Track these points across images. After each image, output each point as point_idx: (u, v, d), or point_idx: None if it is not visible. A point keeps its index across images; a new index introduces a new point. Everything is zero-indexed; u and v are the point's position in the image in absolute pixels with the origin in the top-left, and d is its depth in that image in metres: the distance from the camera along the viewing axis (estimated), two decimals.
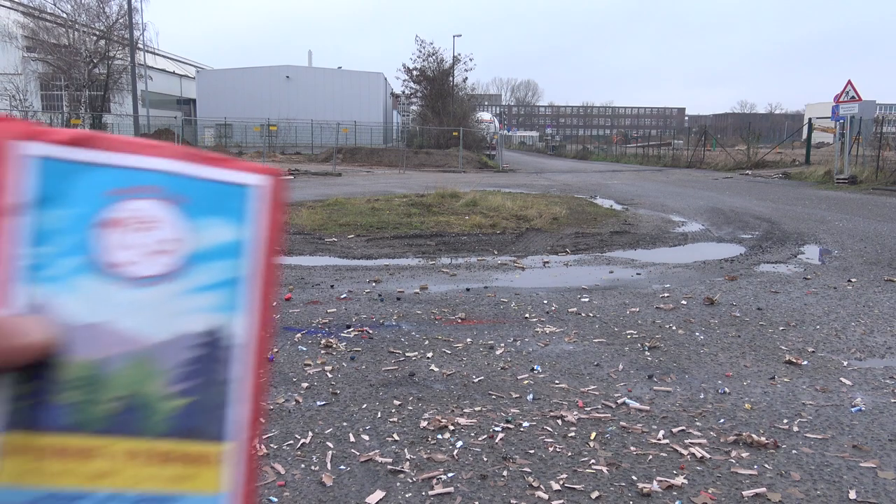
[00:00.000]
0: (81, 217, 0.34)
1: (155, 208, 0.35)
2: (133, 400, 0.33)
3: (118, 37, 31.81)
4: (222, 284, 0.36)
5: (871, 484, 2.88)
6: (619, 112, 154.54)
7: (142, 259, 0.35)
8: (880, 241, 9.59)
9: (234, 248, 0.36)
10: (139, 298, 0.34)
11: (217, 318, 0.35)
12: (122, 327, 0.34)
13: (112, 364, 0.33)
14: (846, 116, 21.61)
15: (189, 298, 0.35)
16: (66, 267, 0.33)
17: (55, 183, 0.33)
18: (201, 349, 0.35)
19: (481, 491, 2.81)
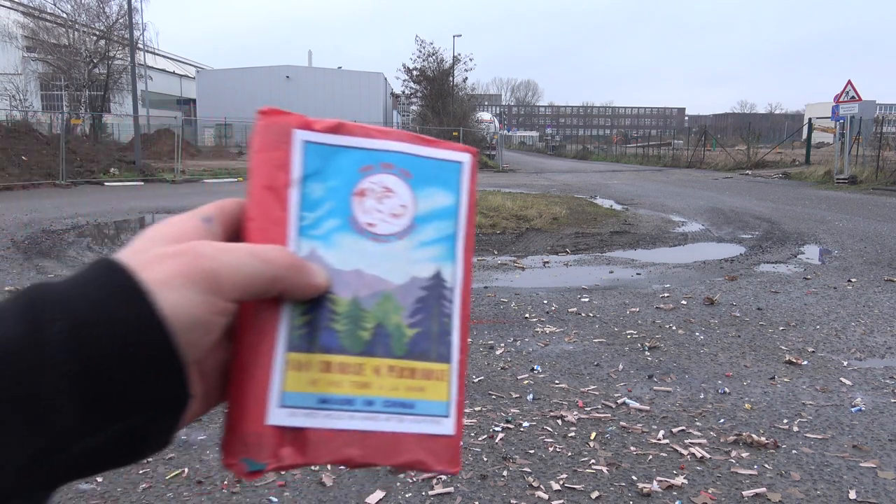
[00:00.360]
0: (339, 188, 0.45)
1: (391, 181, 0.46)
2: (382, 329, 0.44)
3: (118, 37, 31.76)
4: (441, 240, 0.47)
5: (871, 484, 2.88)
6: (619, 112, 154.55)
7: (383, 221, 0.46)
8: (880, 241, 9.59)
9: (449, 211, 0.48)
10: (383, 251, 0.45)
11: (438, 267, 0.47)
12: (373, 273, 0.45)
13: (366, 301, 0.44)
14: (846, 116, 21.61)
15: (418, 251, 0.46)
16: (329, 227, 0.44)
17: (319, 162, 0.45)
18: (427, 291, 0.46)
19: (481, 491, 2.81)
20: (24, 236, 9.58)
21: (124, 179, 20.57)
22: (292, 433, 0.41)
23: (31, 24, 32.07)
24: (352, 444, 0.42)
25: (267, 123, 0.45)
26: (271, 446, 0.41)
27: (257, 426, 0.41)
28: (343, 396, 0.43)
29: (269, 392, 0.41)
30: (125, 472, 2.95)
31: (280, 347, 0.42)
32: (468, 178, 0.49)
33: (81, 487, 2.82)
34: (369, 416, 0.43)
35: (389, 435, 0.44)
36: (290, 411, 0.41)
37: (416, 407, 0.45)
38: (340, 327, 0.43)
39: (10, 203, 13.91)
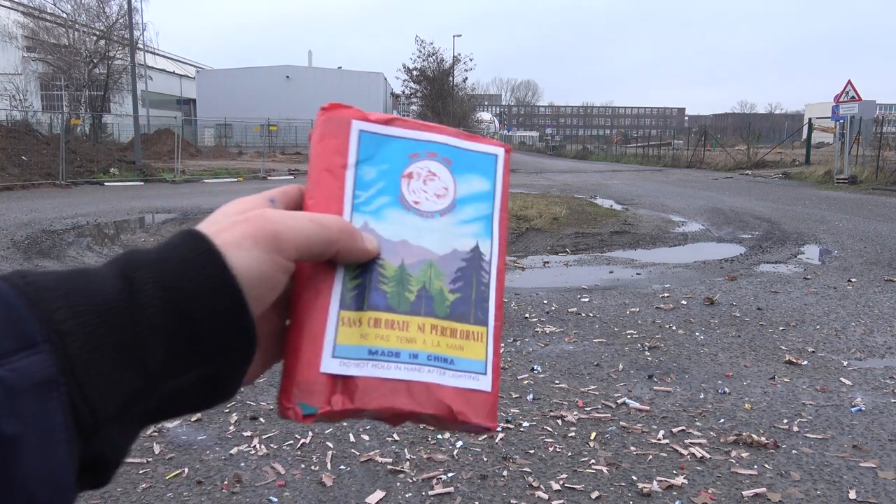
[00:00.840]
0: (389, 171, 0.51)
1: (435, 167, 0.52)
2: (426, 292, 0.49)
3: (118, 37, 31.75)
4: (479, 219, 0.53)
5: (871, 484, 2.88)
6: (619, 112, 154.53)
7: (427, 199, 0.51)
8: (880, 241, 9.59)
9: (486, 194, 0.54)
10: (427, 225, 0.51)
11: (476, 241, 0.52)
12: (418, 244, 0.50)
13: (413, 268, 0.49)
14: (846, 116, 21.60)
15: (459, 227, 0.52)
16: (379, 203, 0.50)
17: (372, 149, 0.51)
18: (467, 262, 0.51)
19: (481, 491, 2.81)
20: (24, 236, 9.58)
21: (124, 179, 20.57)
22: (343, 382, 0.45)
23: (31, 24, 32.06)
24: (398, 391, 0.46)
25: (328, 116, 0.51)
26: (324, 393, 0.45)
27: (312, 374, 0.45)
28: (390, 349, 0.47)
29: (323, 343, 0.45)
30: (125, 473, 2.94)
31: (334, 305, 0.47)
32: (503, 168, 0.55)
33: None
34: (414, 367, 0.47)
35: (433, 385, 0.47)
36: (341, 361, 0.45)
37: (455, 363, 0.49)
38: (389, 289, 0.48)
39: (10, 203, 13.91)
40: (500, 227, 0.54)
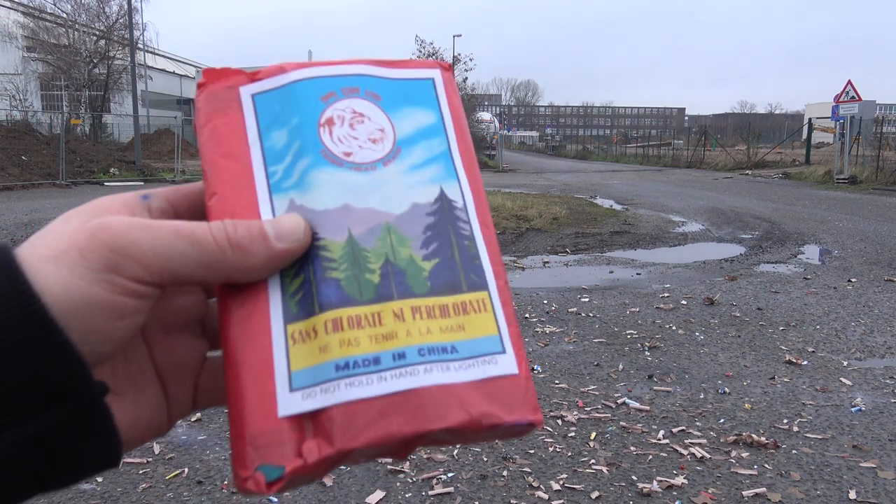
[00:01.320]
0: (302, 124, 0.39)
1: (359, 104, 0.41)
2: (391, 266, 0.37)
3: (118, 37, 31.77)
4: (435, 159, 0.41)
5: (871, 484, 2.88)
6: (619, 112, 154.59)
7: (361, 148, 0.40)
8: (880, 241, 9.59)
9: (435, 128, 0.42)
10: (370, 180, 0.39)
11: (439, 187, 0.40)
12: (364, 206, 0.38)
13: (365, 238, 0.37)
14: (846, 116, 21.61)
15: (412, 175, 0.40)
16: (301, 168, 0.38)
17: (274, 108, 0.40)
18: (435, 216, 0.39)
19: (481, 491, 2.81)
20: (24, 236, 9.58)
21: (124, 179, 20.58)
22: (313, 421, 0.34)
23: (31, 24, 32.06)
24: (391, 411, 0.33)
25: (207, 93, 0.41)
26: (290, 442, 0.33)
27: (268, 423, 0.33)
28: (365, 356, 0.35)
29: (273, 378, 0.34)
30: (125, 473, 2.95)
31: (276, 320, 0.35)
32: (446, 93, 0.44)
33: (82, 487, 2.82)
34: (404, 371, 0.35)
35: (437, 389, 0.34)
36: (304, 393, 0.34)
37: (459, 350, 0.36)
38: (341, 274, 0.36)
39: (10, 203, 13.91)
40: (466, 164, 0.42)
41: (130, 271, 0.32)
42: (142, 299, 0.32)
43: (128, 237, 0.32)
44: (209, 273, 0.34)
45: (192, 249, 0.33)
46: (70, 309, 0.30)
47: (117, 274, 0.31)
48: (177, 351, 0.38)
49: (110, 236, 0.32)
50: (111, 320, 0.31)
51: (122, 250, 0.32)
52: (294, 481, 0.33)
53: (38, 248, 0.31)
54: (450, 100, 0.44)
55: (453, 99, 0.44)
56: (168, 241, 0.33)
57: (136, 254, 0.32)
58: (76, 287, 0.30)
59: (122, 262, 0.31)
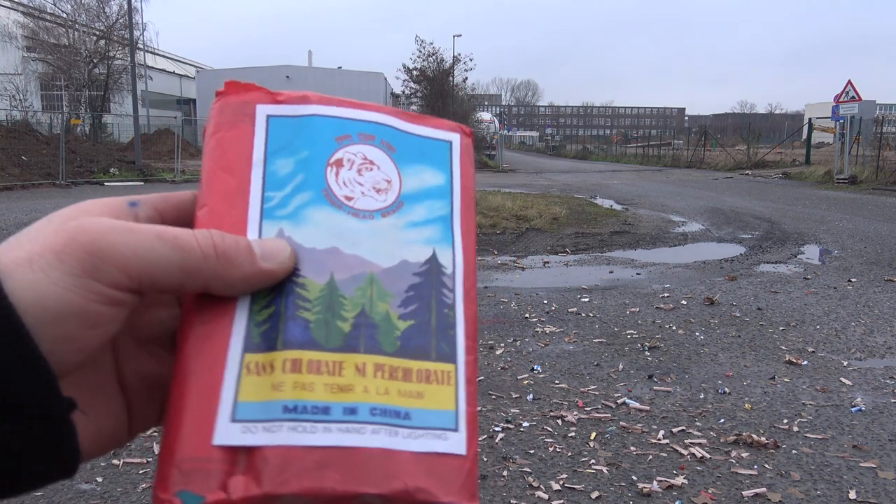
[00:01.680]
0: (311, 159, 0.39)
1: (372, 152, 0.40)
2: (365, 318, 0.36)
3: (118, 37, 31.77)
4: (435, 221, 0.40)
5: (871, 484, 2.88)
6: (619, 112, 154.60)
7: (364, 195, 0.39)
8: (880, 241, 9.59)
9: (441, 190, 0.42)
10: (364, 229, 0.38)
11: (433, 250, 0.39)
12: (353, 253, 0.37)
13: (346, 285, 0.36)
14: (846, 116, 21.61)
15: (408, 231, 0.39)
16: (299, 202, 0.38)
17: (287, 136, 0.39)
18: (422, 277, 0.38)
19: (481, 491, 2.81)
20: None
21: (124, 179, 20.57)
22: (247, 455, 0.32)
23: (31, 24, 32.06)
24: (328, 464, 0.32)
25: (223, 103, 0.40)
26: (217, 474, 0.31)
27: (200, 448, 0.32)
28: (316, 403, 0.33)
29: (217, 403, 0.33)
30: (125, 473, 2.95)
31: (235, 346, 0.34)
32: (460, 159, 0.43)
33: (81, 488, 2.82)
34: (352, 427, 0.33)
35: (377, 452, 0.33)
36: (245, 426, 0.32)
37: (412, 417, 0.35)
38: (312, 316, 0.35)
39: (10, 203, 13.90)
40: (464, 231, 0.41)
41: (108, 276, 0.30)
42: (118, 307, 0.31)
43: (107, 240, 0.30)
44: (189, 279, 0.32)
45: (174, 254, 0.32)
46: (42, 316, 0.28)
47: (94, 279, 0.30)
48: (147, 365, 0.37)
49: (89, 238, 0.30)
50: (85, 329, 0.30)
51: (101, 253, 0.30)
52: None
53: (13, 250, 0.30)
54: (463, 165, 0.43)
55: (466, 165, 0.44)
56: (149, 244, 0.31)
57: (115, 257, 0.30)
58: (50, 293, 0.29)
59: (101, 265, 0.30)
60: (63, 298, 0.29)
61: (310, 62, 58.90)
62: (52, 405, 0.28)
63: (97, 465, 3.00)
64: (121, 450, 3.13)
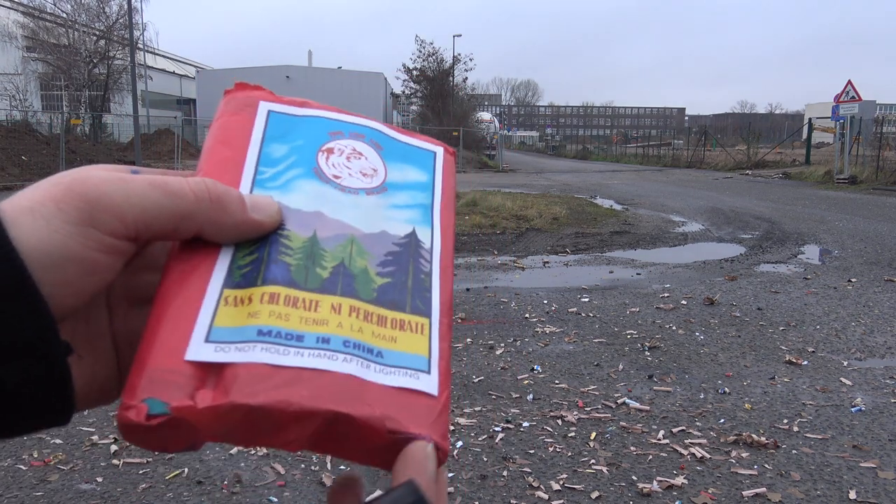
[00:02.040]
0: (304, 146, 0.43)
1: (361, 146, 0.44)
2: (344, 269, 0.38)
3: (118, 37, 31.78)
4: (416, 206, 0.44)
5: (871, 484, 2.88)
6: (619, 112, 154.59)
7: (351, 175, 0.42)
8: (880, 241, 9.59)
9: (424, 185, 0.45)
10: (350, 200, 0.41)
11: (412, 227, 0.42)
12: (336, 218, 0.40)
13: (328, 242, 0.39)
14: (846, 116, 21.61)
15: (390, 210, 0.42)
16: (288, 176, 0.41)
17: (283, 128, 0.43)
18: (401, 247, 0.41)
19: (481, 491, 2.81)
20: None
21: None
22: (217, 375, 0.32)
23: (31, 24, 32.07)
24: (298, 383, 0.33)
25: (230, 97, 0.44)
26: (185, 387, 0.32)
27: (171, 361, 0.32)
28: (290, 331, 0.34)
29: (193, 323, 0.34)
30: (125, 473, 2.95)
31: (216, 281, 0.35)
32: (442, 168, 0.47)
33: (81, 488, 2.82)
34: (324, 353, 0.34)
35: (350, 378, 0.34)
36: (217, 346, 0.33)
37: (385, 357, 0.36)
38: (293, 261, 0.37)
39: None
40: (444, 222, 0.44)
41: (106, 224, 0.31)
42: (115, 255, 0.32)
43: (101, 189, 0.32)
44: (182, 224, 0.34)
45: (167, 199, 0.33)
46: (44, 261, 0.29)
47: (92, 227, 0.31)
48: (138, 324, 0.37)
49: (85, 188, 0.32)
50: (83, 275, 0.31)
51: (97, 202, 0.31)
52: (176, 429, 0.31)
53: (17, 200, 0.31)
54: (445, 173, 0.47)
55: (448, 175, 0.47)
56: (143, 191, 0.33)
57: (111, 205, 0.32)
58: (51, 240, 0.30)
59: (97, 213, 0.31)
60: (63, 245, 0.30)
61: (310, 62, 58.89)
62: (52, 346, 0.29)
63: (97, 465, 3.01)
64: (121, 450, 3.13)
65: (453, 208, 0.45)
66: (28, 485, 2.85)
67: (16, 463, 3.03)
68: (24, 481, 2.87)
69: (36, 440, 3.23)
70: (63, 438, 3.26)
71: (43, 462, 3.03)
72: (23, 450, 3.14)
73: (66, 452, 3.13)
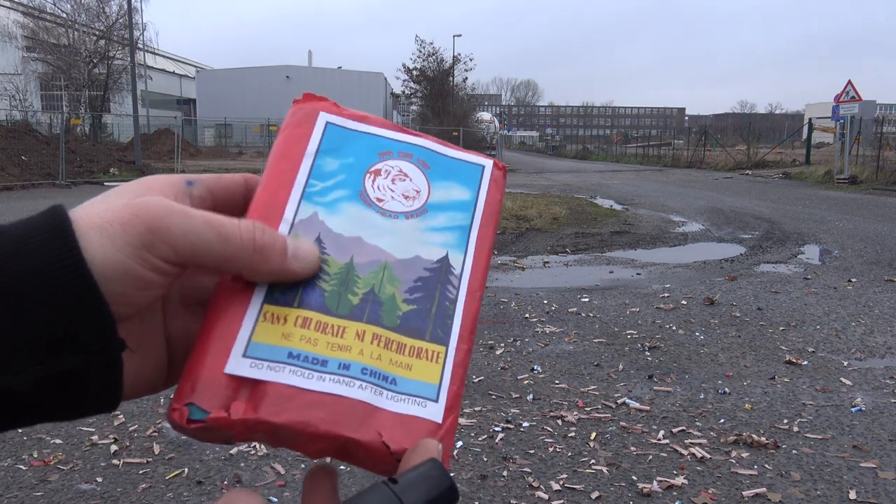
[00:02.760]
0: (353, 165, 0.45)
1: (407, 167, 0.47)
2: (373, 296, 0.42)
3: (118, 37, 31.77)
4: (453, 228, 0.46)
5: (872, 484, 2.88)
6: (619, 112, 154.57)
7: (394, 199, 0.45)
8: (880, 241, 9.59)
9: (465, 205, 0.47)
10: (388, 226, 0.44)
11: (446, 252, 0.45)
12: (373, 243, 0.43)
13: (363, 268, 0.42)
14: (846, 116, 21.61)
15: (426, 234, 0.45)
16: (336, 196, 0.44)
17: (338, 141, 0.46)
18: (431, 273, 0.44)
19: (481, 491, 2.81)
20: None
21: (124, 179, 20.52)
22: (251, 388, 0.37)
23: (31, 24, 32.07)
24: (318, 406, 0.37)
25: (297, 108, 0.47)
26: (222, 397, 0.37)
27: (214, 372, 0.37)
28: (316, 355, 0.39)
29: (234, 338, 0.38)
30: (125, 473, 2.95)
31: (258, 296, 0.40)
32: (489, 181, 0.48)
33: (81, 488, 2.82)
34: (343, 379, 0.39)
35: (362, 405, 0.38)
36: (253, 362, 0.38)
37: (398, 384, 0.40)
38: (328, 287, 0.41)
39: (9, 203, 13.91)
40: (480, 243, 0.46)
41: (160, 251, 0.36)
42: (164, 276, 0.37)
43: (164, 221, 0.36)
44: (225, 265, 0.38)
45: (218, 242, 0.37)
46: (106, 274, 0.34)
47: (149, 252, 0.35)
48: (190, 323, 0.43)
49: (150, 217, 0.36)
50: (137, 290, 0.36)
51: (158, 231, 0.35)
52: (213, 431, 0.37)
53: (90, 216, 0.35)
54: (490, 189, 0.48)
55: (494, 190, 0.48)
56: (198, 229, 0.37)
57: (169, 236, 0.36)
58: (114, 257, 0.34)
59: (156, 241, 0.35)
60: (123, 262, 0.35)
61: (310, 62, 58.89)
62: (110, 342, 0.34)
63: (97, 466, 3.00)
64: (120, 450, 3.13)
65: (494, 225, 0.47)
66: (28, 485, 2.84)
67: (16, 463, 3.03)
68: (24, 481, 2.87)
69: (36, 440, 3.23)
70: (63, 438, 3.26)
71: (43, 462, 3.03)
72: (23, 450, 3.14)
73: (65, 452, 3.13)
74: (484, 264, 0.46)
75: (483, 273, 0.45)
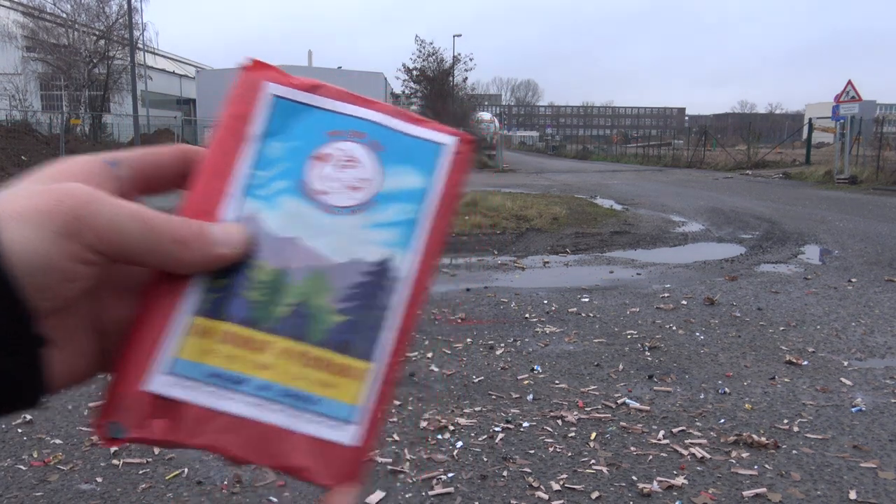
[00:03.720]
0: (298, 149, 0.41)
1: (358, 151, 0.42)
2: (302, 308, 0.39)
3: (118, 37, 31.76)
4: (400, 224, 0.41)
5: (872, 484, 2.88)
6: (619, 112, 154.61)
7: (338, 191, 0.41)
8: (880, 241, 9.59)
9: (417, 194, 0.42)
10: (329, 224, 0.40)
11: (388, 252, 0.41)
12: (310, 245, 0.40)
13: (294, 275, 0.39)
14: (846, 116, 21.61)
15: (369, 231, 0.41)
16: (276, 188, 0.40)
17: (285, 119, 0.41)
18: (369, 276, 0.40)
19: (481, 491, 2.81)
20: None
21: None
22: (171, 406, 0.37)
23: (30, 24, 32.05)
24: (229, 430, 0.37)
25: (243, 77, 0.42)
26: (142, 414, 0.36)
27: (133, 388, 0.36)
28: (235, 374, 0.37)
29: (154, 354, 0.37)
30: (125, 473, 2.94)
31: (184, 308, 0.38)
32: (447, 164, 0.43)
33: (81, 488, 2.82)
34: (258, 402, 0.37)
35: (275, 430, 0.37)
36: (173, 380, 0.37)
37: (318, 404, 0.38)
38: (256, 297, 0.39)
39: None
40: (430, 239, 0.41)
41: (86, 239, 0.34)
42: (90, 266, 0.35)
43: (90, 208, 0.34)
44: (151, 258, 0.36)
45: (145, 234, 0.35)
46: (27, 267, 0.32)
47: (74, 241, 0.33)
48: (122, 311, 0.40)
49: (74, 203, 0.34)
50: (61, 282, 0.34)
51: (83, 219, 0.34)
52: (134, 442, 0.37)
53: (8, 205, 0.33)
54: (449, 172, 0.43)
55: (455, 170, 0.43)
56: (125, 219, 0.35)
57: (95, 225, 0.34)
58: (36, 248, 0.32)
59: (81, 229, 0.33)
60: (46, 253, 0.33)
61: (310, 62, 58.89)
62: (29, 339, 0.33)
63: (97, 466, 3.00)
64: (121, 450, 3.13)
65: (448, 214, 0.42)
66: (28, 485, 2.84)
67: (16, 463, 3.03)
68: (24, 481, 2.87)
69: (36, 440, 3.23)
70: (63, 438, 3.26)
71: (43, 462, 3.03)
72: (23, 450, 3.14)
73: (65, 452, 3.13)
74: (430, 262, 0.41)
75: (428, 272, 0.41)
